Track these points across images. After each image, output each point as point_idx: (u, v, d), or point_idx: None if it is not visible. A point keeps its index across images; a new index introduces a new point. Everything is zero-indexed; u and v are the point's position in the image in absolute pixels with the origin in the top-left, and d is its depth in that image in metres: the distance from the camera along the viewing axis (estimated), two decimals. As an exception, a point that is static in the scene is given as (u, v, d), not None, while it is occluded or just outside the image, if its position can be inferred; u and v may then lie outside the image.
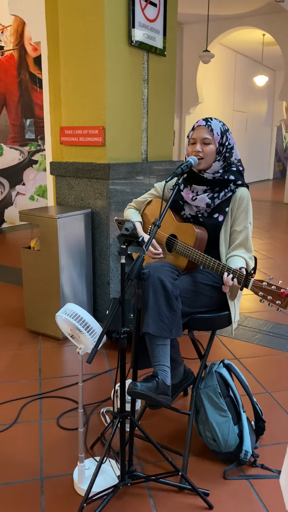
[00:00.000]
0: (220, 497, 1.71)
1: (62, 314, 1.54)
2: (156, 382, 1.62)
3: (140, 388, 1.56)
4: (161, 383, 1.63)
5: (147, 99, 3.33)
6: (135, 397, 1.60)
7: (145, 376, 1.66)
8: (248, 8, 8.82)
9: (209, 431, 1.87)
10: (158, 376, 1.63)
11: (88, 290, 3.18)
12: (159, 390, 1.63)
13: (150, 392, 1.58)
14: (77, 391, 2.41)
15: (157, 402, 1.63)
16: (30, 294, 3.06)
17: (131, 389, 1.56)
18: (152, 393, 1.59)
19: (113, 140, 3.04)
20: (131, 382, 1.59)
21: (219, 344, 3.00)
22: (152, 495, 1.71)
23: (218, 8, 8.81)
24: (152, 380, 1.62)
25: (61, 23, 3.01)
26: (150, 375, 1.65)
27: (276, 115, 16.59)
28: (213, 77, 11.72)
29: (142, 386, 1.56)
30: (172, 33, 3.47)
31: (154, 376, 1.65)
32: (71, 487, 1.75)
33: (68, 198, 3.24)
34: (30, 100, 7.01)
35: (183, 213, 1.95)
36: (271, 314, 3.55)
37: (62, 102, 3.13)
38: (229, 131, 1.88)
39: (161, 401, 1.64)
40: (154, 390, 1.60)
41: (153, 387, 1.60)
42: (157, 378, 1.63)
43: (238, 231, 1.87)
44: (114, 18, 2.88)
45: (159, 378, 1.63)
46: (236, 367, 2.02)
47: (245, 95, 13.92)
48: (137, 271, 1.52)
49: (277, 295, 1.50)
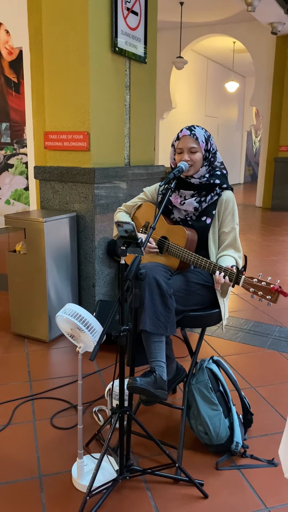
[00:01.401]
0: (214, 486, 1.79)
1: (63, 314, 1.59)
2: (154, 377, 1.69)
3: (140, 382, 1.62)
4: (158, 378, 1.70)
5: (129, 105, 3.41)
6: (135, 392, 1.67)
7: (143, 372, 1.72)
8: (219, 16, 9.05)
9: (201, 424, 1.95)
10: (155, 372, 1.71)
11: (74, 292, 3.22)
12: (156, 384, 1.70)
13: (149, 386, 1.65)
14: (68, 392, 2.45)
15: (155, 396, 1.70)
16: (15, 297, 3.07)
17: (131, 384, 1.62)
18: (150, 387, 1.66)
19: (98, 145, 3.10)
20: (131, 377, 1.66)
21: (203, 342, 3.10)
22: (149, 488, 1.77)
23: (191, 15, 9.00)
24: (150, 375, 1.69)
25: (44, 30, 3.05)
26: (148, 371, 1.72)
27: (246, 120, 16.99)
28: (185, 83, 11.93)
29: (141, 381, 1.63)
30: (153, 41, 3.56)
31: (151, 371, 1.72)
32: (70, 483, 1.79)
33: (53, 202, 3.27)
34: (5, 104, 6.98)
35: (173, 217, 2.03)
36: (252, 313, 3.68)
37: (46, 107, 3.17)
38: (211, 137, 1.98)
39: (158, 395, 1.71)
40: (152, 385, 1.67)
41: (152, 381, 1.67)
42: (154, 373, 1.70)
43: (226, 232, 1.97)
44: (98, 25, 2.95)
45: (156, 373, 1.70)
46: (225, 364, 2.11)
47: (216, 101, 14.21)
48: (135, 271, 1.59)
49: (267, 291, 1.60)
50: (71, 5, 2.89)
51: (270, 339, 3.17)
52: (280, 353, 2.95)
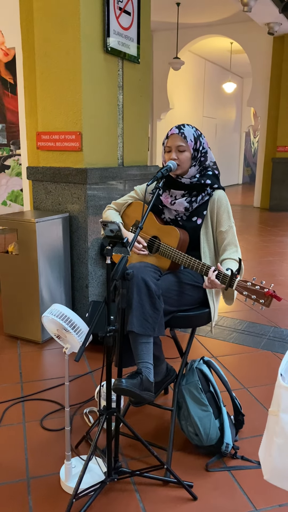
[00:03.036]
0: (203, 488, 1.77)
1: (48, 315, 1.57)
2: (140, 378, 1.67)
3: (125, 384, 1.61)
4: (145, 380, 1.69)
5: (122, 105, 3.39)
6: (120, 394, 1.65)
7: (130, 373, 1.71)
8: (216, 17, 9.05)
9: (191, 425, 1.94)
10: (142, 373, 1.69)
11: (67, 293, 3.20)
12: (143, 386, 1.68)
13: (135, 388, 1.63)
14: (59, 393, 2.44)
15: (141, 398, 1.68)
16: (8, 298, 3.06)
17: (117, 385, 1.60)
18: (136, 389, 1.64)
19: (90, 145, 3.09)
20: (117, 379, 1.64)
21: (197, 343, 3.08)
22: (138, 490, 1.76)
23: (187, 16, 9.00)
24: (136, 377, 1.67)
25: (36, 29, 3.04)
26: (134, 372, 1.70)
27: (244, 121, 16.99)
28: (183, 84, 11.93)
29: (127, 383, 1.61)
30: (146, 41, 3.55)
31: (138, 373, 1.70)
32: (58, 485, 1.78)
33: (45, 202, 3.26)
34: (1, 105, 6.97)
35: (163, 217, 2.01)
36: (246, 313, 3.66)
37: (39, 108, 3.16)
38: (203, 136, 1.97)
39: (145, 397, 1.69)
40: (138, 387, 1.65)
41: (138, 383, 1.65)
42: (141, 375, 1.68)
43: (224, 231, 1.95)
44: (90, 25, 2.94)
45: (143, 375, 1.69)
46: (216, 364, 2.09)
47: (214, 102, 14.21)
48: (122, 271, 1.57)
49: (261, 294, 1.58)
50: (63, 5, 2.88)
51: (264, 340, 3.16)
52: (274, 353, 2.93)
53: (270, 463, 0.89)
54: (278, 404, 0.89)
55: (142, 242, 1.97)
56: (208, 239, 1.95)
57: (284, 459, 0.86)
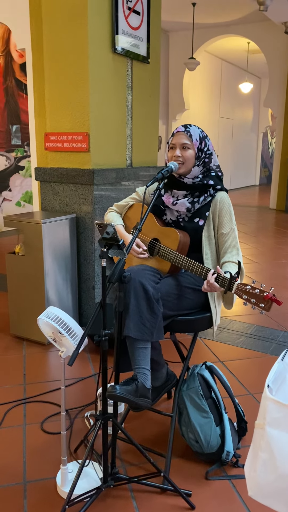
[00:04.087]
0: (202, 497, 1.73)
1: (44, 318, 1.55)
2: (135, 385, 1.63)
3: (119, 391, 1.57)
4: (140, 386, 1.65)
5: (131, 106, 3.37)
6: (114, 400, 1.62)
7: (125, 379, 1.67)
8: (232, 16, 8.97)
9: (192, 432, 1.89)
10: (137, 379, 1.65)
11: (73, 295, 3.19)
12: (138, 393, 1.64)
13: (129, 395, 1.60)
14: (60, 396, 2.41)
15: (137, 405, 1.65)
16: (14, 299, 3.06)
17: (110, 392, 1.57)
18: (131, 396, 1.61)
19: (98, 146, 3.07)
20: (110, 385, 1.61)
21: (203, 347, 3.03)
22: (135, 497, 1.72)
23: (203, 16, 8.94)
24: (131, 383, 1.64)
25: (45, 30, 3.04)
26: (129, 378, 1.67)
27: (262, 121, 16.80)
28: (199, 84, 11.85)
29: (121, 389, 1.58)
30: (156, 41, 3.52)
31: (133, 379, 1.66)
32: (54, 490, 1.75)
33: (53, 203, 3.25)
34: (16, 106, 7.02)
35: (165, 218, 1.98)
36: (255, 317, 3.59)
37: (47, 108, 3.15)
38: (208, 138, 1.92)
39: (140, 404, 1.66)
40: (133, 393, 1.62)
41: (132, 390, 1.62)
42: (136, 381, 1.64)
43: (225, 233, 1.90)
44: (98, 26, 2.92)
45: (138, 381, 1.65)
46: (218, 369, 2.04)
47: (231, 102, 14.09)
48: (118, 274, 1.54)
49: (260, 298, 1.54)
50: (70, 5, 2.87)
51: (273, 344, 3.09)
52: (282, 359, 2.86)
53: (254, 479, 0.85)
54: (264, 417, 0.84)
55: (141, 246, 1.94)
56: (210, 241, 1.91)
57: (268, 476, 0.82)
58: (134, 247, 1.91)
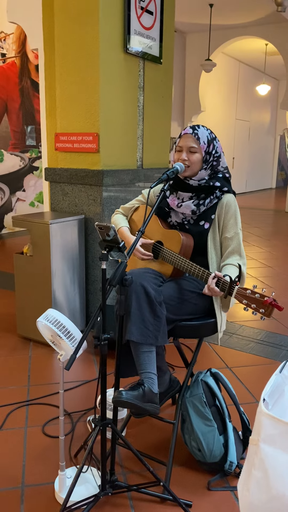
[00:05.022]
0: (203, 508, 1.68)
1: (42, 320, 1.53)
2: (142, 390, 1.59)
3: (125, 396, 1.53)
4: (147, 391, 1.61)
5: (142, 107, 3.33)
6: (120, 406, 1.58)
7: (131, 384, 1.63)
8: (250, 18, 8.88)
9: (195, 440, 1.84)
10: (144, 384, 1.61)
11: (81, 296, 3.16)
12: (145, 398, 1.60)
13: (136, 400, 1.56)
14: (65, 398, 2.39)
15: (144, 410, 1.61)
16: (22, 299, 3.05)
17: (116, 397, 1.53)
18: (138, 401, 1.57)
19: (107, 147, 3.04)
20: (116, 390, 1.57)
21: (211, 352, 2.98)
22: (134, 506, 1.68)
23: (221, 17, 8.87)
24: (138, 388, 1.60)
25: (57, 30, 3.02)
26: (136, 383, 1.63)
27: (279, 124, 16.62)
28: (216, 86, 11.77)
29: (127, 395, 1.54)
30: (169, 41, 3.48)
31: (140, 384, 1.62)
32: (53, 496, 1.72)
33: (62, 204, 3.24)
34: (31, 107, 7.06)
35: (170, 220, 1.93)
36: (265, 323, 3.52)
37: (58, 108, 3.14)
38: (217, 139, 1.87)
39: (148, 410, 1.62)
40: (140, 399, 1.58)
41: (139, 395, 1.58)
42: (143, 386, 1.60)
43: (229, 237, 1.85)
44: (109, 25, 2.89)
45: (145, 386, 1.61)
46: (224, 376, 1.99)
47: (248, 104, 13.96)
48: (119, 277, 1.50)
49: (260, 303, 1.48)
50: (82, 4, 2.85)
51: (284, 351, 3.02)
52: (292, 366, 2.79)
53: (247, 499, 0.80)
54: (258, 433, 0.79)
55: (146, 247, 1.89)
56: (216, 245, 1.85)
57: (261, 496, 0.76)
58: (139, 248, 1.87)
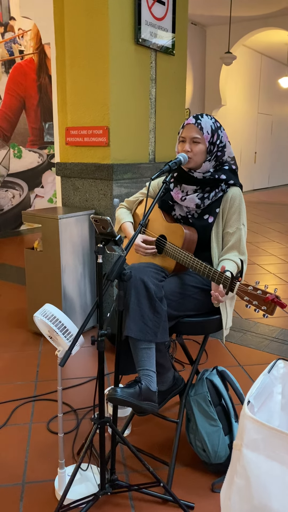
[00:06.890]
0: (205, 510, 1.62)
1: (39, 315, 1.50)
2: (139, 387, 1.54)
3: (120, 394, 1.49)
4: (144, 389, 1.56)
5: (155, 99, 3.27)
6: (115, 404, 1.54)
7: (129, 382, 1.59)
8: (271, 8, 8.68)
9: (199, 440, 1.79)
10: (141, 382, 1.56)
11: (92, 291, 3.13)
12: (142, 396, 1.56)
13: (132, 398, 1.51)
14: (72, 395, 2.37)
15: (141, 409, 1.56)
16: (32, 294, 3.04)
17: (111, 395, 1.49)
18: (134, 399, 1.52)
19: (118, 141, 3.00)
20: (111, 387, 1.53)
21: (224, 349, 2.91)
22: (134, 506, 1.64)
23: (241, 9, 8.70)
24: (134, 386, 1.55)
25: (66, 23, 2.99)
26: (133, 381, 1.58)
27: (303, 117, 16.25)
28: (237, 79, 11.58)
29: (122, 392, 1.50)
30: (182, 32, 3.41)
31: (137, 381, 1.58)
32: (52, 493, 1.70)
33: (73, 199, 3.21)
34: (49, 103, 7.06)
35: (174, 214, 1.87)
36: (281, 320, 3.42)
37: (68, 102, 3.11)
38: (222, 128, 1.80)
39: (145, 408, 1.57)
40: (136, 396, 1.53)
41: (136, 393, 1.53)
42: (140, 383, 1.56)
43: (231, 233, 1.78)
44: (119, 16, 2.84)
45: (142, 383, 1.56)
46: (231, 375, 1.92)
47: (270, 98, 13.69)
48: (117, 271, 1.46)
49: (262, 300, 1.41)
50: (91, -4, 2.80)
51: (299, 349, 2.92)
52: (307, 365, 2.70)
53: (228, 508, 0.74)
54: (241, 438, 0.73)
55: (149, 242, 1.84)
56: (219, 239, 1.78)
57: (243, 506, 0.70)
58: (141, 243, 1.82)
